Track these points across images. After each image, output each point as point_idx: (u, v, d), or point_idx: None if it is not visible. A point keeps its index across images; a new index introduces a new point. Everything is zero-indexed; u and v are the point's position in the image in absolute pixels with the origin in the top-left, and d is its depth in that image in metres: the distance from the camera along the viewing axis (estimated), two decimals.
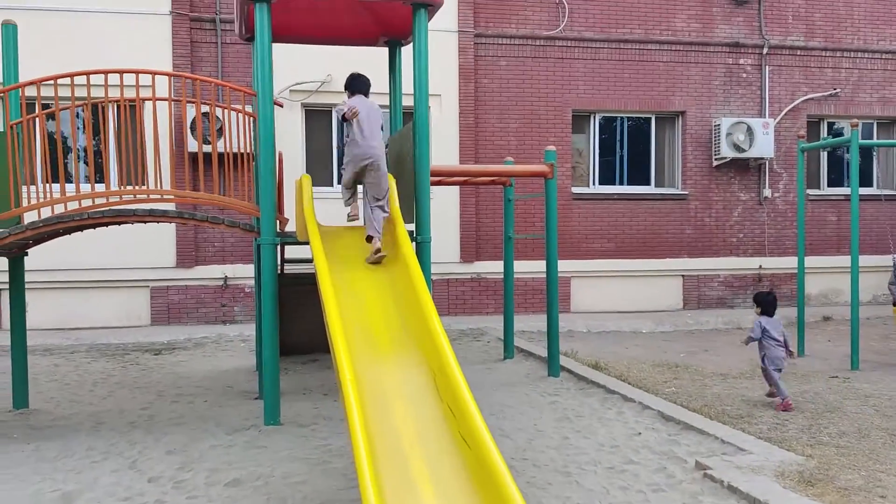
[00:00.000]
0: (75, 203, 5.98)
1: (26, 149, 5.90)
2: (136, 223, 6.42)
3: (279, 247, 7.51)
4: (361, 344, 4.61)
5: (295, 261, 8.40)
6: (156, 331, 10.55)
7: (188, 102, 6.41)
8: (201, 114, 6.89)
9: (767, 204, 12.90)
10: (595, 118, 12.55)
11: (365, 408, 3.95)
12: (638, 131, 12.80)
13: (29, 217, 6.19)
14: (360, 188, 6.01)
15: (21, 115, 6.09)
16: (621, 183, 12.71)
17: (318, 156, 11.64)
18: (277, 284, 5.93)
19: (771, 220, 12.92)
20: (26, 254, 6.65)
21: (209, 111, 6.56)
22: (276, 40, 6.23)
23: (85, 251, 10.03)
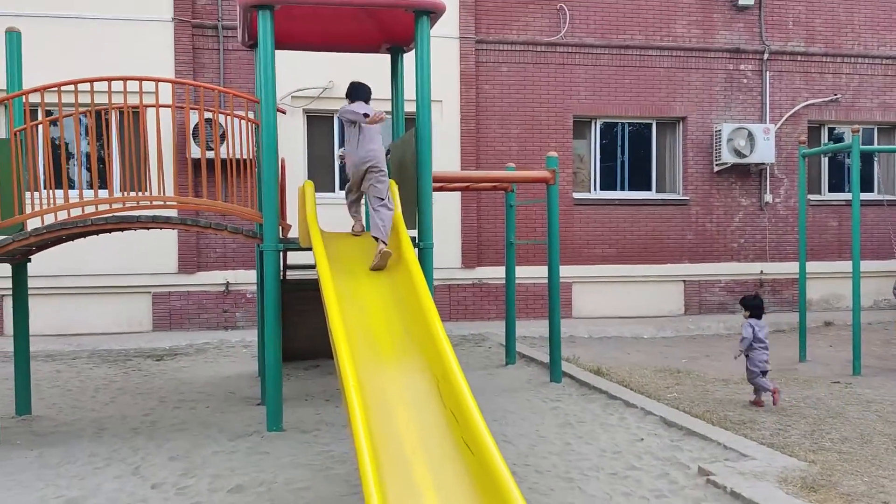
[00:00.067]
0: (78, 209, 5.99)
1: (30, 155, 5.92)
2: (139, 229, 6.43)
3: (282, 253, 7.52)
4: (364, 350, 4.61)
5: (297, 267, 8.41)
6: (158, 336, 10.55)
7: (191, 109, 6.42)
8: (204, 120, 6.92)
9: (768, 209, 12.91)
10: (596, 124, 12.57)
11: (368, 413, 3.95)
12: (639, 137, 12.83)
13: (32, 224, 6.22)
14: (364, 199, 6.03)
15: (24, 122, 6.11)
16: (622, 188, 12.73)
17: (320, 162, 11.66)
18: (280, 290, 5.94)
19: (772, 226, 12.93)
20: (29, 260, 6.66)
21: (212, 118, 6.58)
22: (279, 47, 6.25)
23: (87, 257, 10.06)
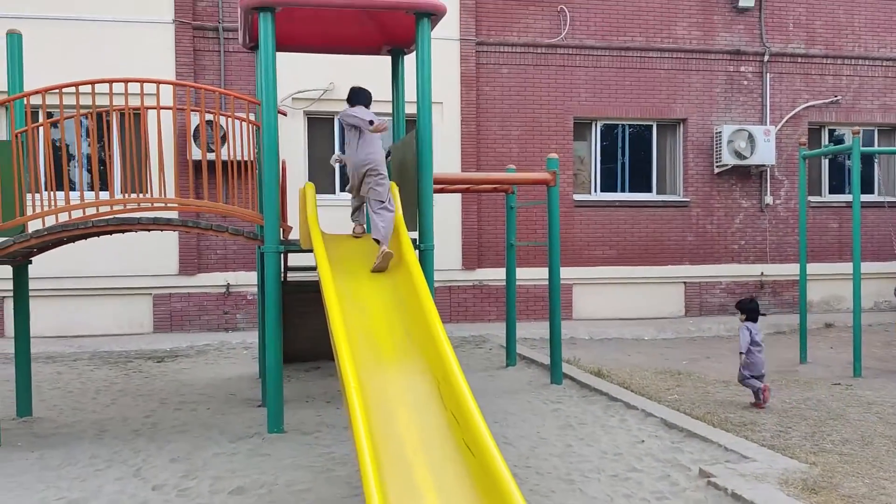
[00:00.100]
0: (79, 211, 6.00)
1: (31, 157, 5.92)
2: (140, 231, 6.44)
3: (282, 254, 7.53)
4: (365, 351, 4.62)
5: (298, 268, 8.41)
6: (158, 338, 10.55)
7: (192, 111, 6.42)
8: (205, 122, 6.92)
9: (769, 211, 12.91)
10: (597, 125, 12.58)
11: (369, 415, 3.95)
12: (639, 139, 12.83)
13: (33, 225, 6.22)
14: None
15: (26, 124, 6.11)
16: (623, 190, 12.73)
17: (321, 163, 11.66)
18: (281, 292, 5.94)
19: (772, 227, 12.93)
20: (30, 262, 6.66)
21: (213, 119, 6.59)
22: (280, 49, 6.25)
23: (87, 259, 10.05)
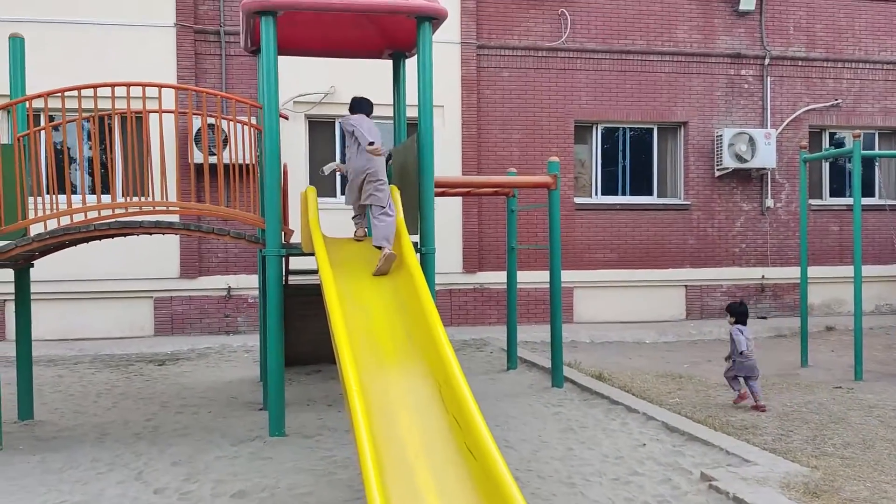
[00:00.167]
0: (81, 215, 6.01)
1: (33, 161, 5.93)
2: (142, 234, 6.45)
3: (284, 258, 7.54)
4: (367, 355, 4.62)
5: (299, 272, 8.42)
6: (159, 341, 10.55)
7: (194, 115, 6.44)
8: (207, 125, 6.94)
9: (770, 214, 12.91)
10: (597, 129, 12.59)
11: (371, 419, 3.95)
12: (640, 142, 12.84)
13: (35, 229, 6.23)
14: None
15: (28, 128, 6.12)
16: (624, 193, 12.74)
17: (322, 167, 11.65)
18: (282, 295, 5.95)
19: (773, 231, 12.94)
20: (32, 265, 6.67)
21: (215, 123, 6.60)
22: (282, 53, 6.27)
23: (89, 262, 10.04)
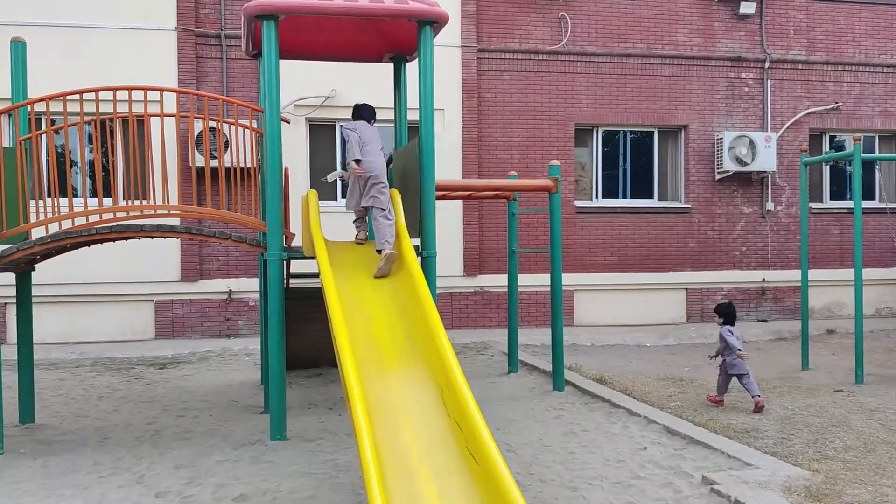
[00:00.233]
0: (83, 218, 6.01)
1: (35, 164, 5.94)
2: (143, 238, 6.45)
3: (285, 262, 7.54)
4: (368, 358, 4.62)
5: (300, 275, 8.42)
6: (160, 345, 10.56)
7: (195, 118, 6.45)
8: (208, 129, 6.95)
9: (770, 217, 12.92)
10: (598, 132, 12.60)
11: (372, 422, 3.95)
12: (641, 145, 12.86)
13: (37, 232, 6.24)
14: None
15: (29, 131, 6.13)
16: (624, 196, 12.76)
17: (323, 171, 11.63)
18: (284, 299, 5.95)
19: (774, 234, 12.94)
20: (33, 269, 6.68)
21: (216, 127, 6.61)
22: (283, 57, 6.27)
23: (90, 265, 10.07)
